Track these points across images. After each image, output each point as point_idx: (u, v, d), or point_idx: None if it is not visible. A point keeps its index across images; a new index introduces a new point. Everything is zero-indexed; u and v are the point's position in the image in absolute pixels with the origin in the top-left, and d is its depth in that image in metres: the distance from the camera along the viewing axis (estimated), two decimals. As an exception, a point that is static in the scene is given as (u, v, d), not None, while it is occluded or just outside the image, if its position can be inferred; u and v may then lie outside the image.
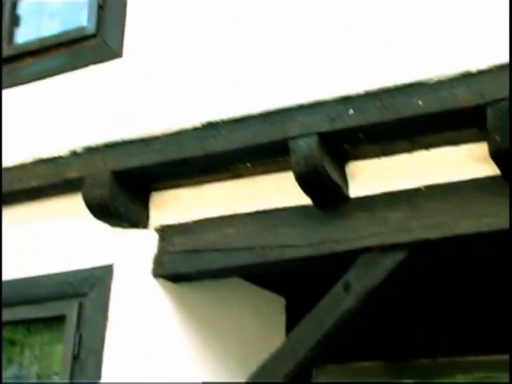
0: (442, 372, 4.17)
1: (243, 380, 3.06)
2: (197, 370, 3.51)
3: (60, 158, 3.52)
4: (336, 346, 3.19)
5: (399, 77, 2.92)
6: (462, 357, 3.80)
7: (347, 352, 3.89)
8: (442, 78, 2.84)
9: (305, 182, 3.05)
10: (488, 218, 2.80)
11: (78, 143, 3.50)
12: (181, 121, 3.31)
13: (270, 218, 3.22)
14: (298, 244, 3.12)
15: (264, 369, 3.01)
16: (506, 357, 3.71)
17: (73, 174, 3.47)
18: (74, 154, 3.49)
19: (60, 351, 3.39)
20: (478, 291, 3.68)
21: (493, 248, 3.03)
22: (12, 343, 3.59)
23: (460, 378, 4.31)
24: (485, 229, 2.79)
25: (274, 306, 4.06)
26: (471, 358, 3.79)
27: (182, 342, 3.48)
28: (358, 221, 3.05)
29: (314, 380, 4.02)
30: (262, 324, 3.94)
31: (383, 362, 4.07)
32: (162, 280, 3.41)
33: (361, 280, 2.97)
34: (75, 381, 3.23)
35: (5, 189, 3.62)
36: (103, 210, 3.34)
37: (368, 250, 2.98)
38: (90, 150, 3.46)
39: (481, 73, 2.77)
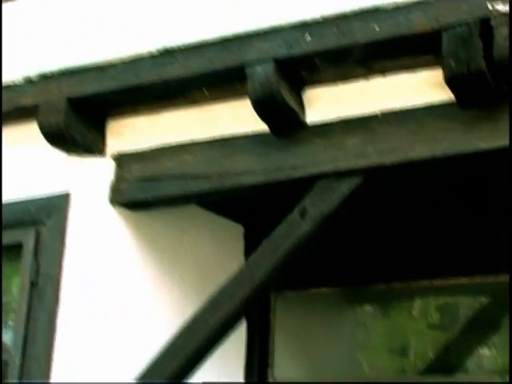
0: (398, 297, 4.26)
1: (200, 304, 3.09)
2: (155, 296, 3.55)
3: (14, 85, 3.47)
4: (293, 272, 3.24)
5: (356, 2, 2.91)
6: (417, 281, 3.88)
7: (304, 278, 3.95)
8: (399, 3, 2.83)
9: (261, 108, 3.05)
10: (442, 143, 2.83)
11: (33, 70, 3.45)
12: (137, 47, 3.27)
13: (227, 145, 3.23)
14: (254, 171, 3.13)
15: (221, 293, 3.05)
16: (463, 280, 3.81)
17: (28, 101, 3.42)
18: (29, 81, 3.44)
19: (18, 279, 3.39)
20: (434, 216, 3.74)
21: (447, 172, 3.07)
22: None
23: (417, 302, 4.41)
24: (439, 153, 2.82)
25: (232, 234, 4.09)
26: (426, 283, 3.87)
27: (140, 269, 3.50)
28: (315, 147, 3.07)
29: (271, 305, 4.09)
30: (220, 251, 3.97)
31: (339, 288, 4.14)
32: (119, 207, 3.41)
33: (317, 206, 2.99)
34: (33, 307, 3.24)
35: (-42, 117, 3.57)
36: (59, 137, 3.32)
37: (324, 175, 3.00)
38: (45, 77, 3.41)
39: (437, -2, 2.78)
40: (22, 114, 3.47)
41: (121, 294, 3.36)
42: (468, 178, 3.36)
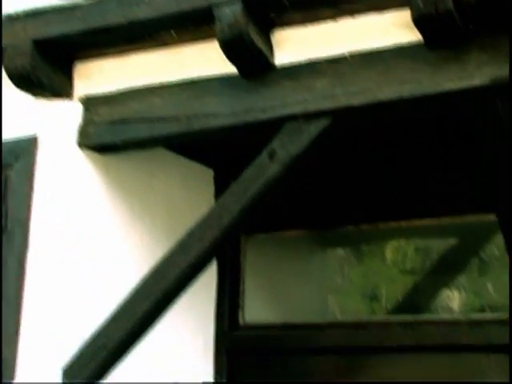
0: (368, 239, 4.31)
1: (170, 246, 3.11)
2: (125, 239, 3.55)
3: (-21, 27, 3.42)
4: (262, 215, 3.25)
5: None
6: (386, 223, 3.91)
7: (274, 221, 3.98)
8: None
9: (230, 50, 3.02)
10: (410, 85, 2.84)
11: (-2, 12, 3.40)
12: (103, -12, 3.22)
13: (195, 87, 3.21)
14: (223, 113, 3.12)
15: (190, 235, 3.06)
16: (431, 221, 3.85)
17: (-7, 43, 3.38)
18: (-6, 23, 3.39)
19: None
20: (403, 157, 3.76)
21: (414, 114, 3.08)
22: None
23: (387, 244, 4.46)
24: (406, 95, 2.83)
25: (202, 178, 4.09)
26: (395, 224, 3.91)
27: (110, 213, 3.50)
28: (284, 89, 3.06)
29: (242, 248, 4.11)
30: (190, 195, 3.97)
31: (309, 231, 4.17)
32: (87, 151, 3.38)
33: (285, 147, 3.00)
34: (2, 251, 3.24)
35: None
36: (25, 80, 3.28)
37: (293, 117, 3.00)
38: (10, 19, 3.35)
39: None
40: (-13, 57, 3.43)
41: (90, 237, 3.37)
42: (437, 119, 3.37)
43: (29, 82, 3.29)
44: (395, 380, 3.67)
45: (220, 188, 4.00)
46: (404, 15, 2.86)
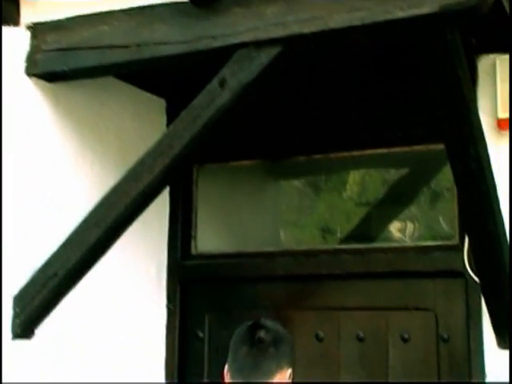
0: (319, 169, 4.34)
1: (121, 175, 3.10)
2: (76, 170, 3.53)
3: None
4: (214, 144, 3.25)
5: None
6: (337, 153, 3.94)
7: (226, 151, 3.98)
8: None
9: (179, -24, 2.99)
10: (361, 12, 2.82)
11: None
12: None
13: (145, 14, 3.16)
14: (173, 41, 3.08)
15: (141, 164, 3.05)
16: (381, 151, 3.88)
17: None
18: None
19: None
20: (352, 87, 3.76)
21: (365, 42, 3.08)
22: None
23: (338, 175, 4.50)
24: (357, 22, 2.82)
25: (154, 108, 4.07)
26: (346, 154, 3.93)
27: (60, 143, 3.47)
28: (234, 16, 3.02)
29: (194, 178, 4.12)
30: (142, 125, 3.95)
31: (261, 161, 4.19)
32: (36, 79, 3.33)
33: (236, 75, 2.98)
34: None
35: None
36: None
37: (243, 45, 2.97)
38: None
39: None
40: None
41: (40, 166, 3.34)
42: (386, 47, 3.38)
43: (-26, 8, 3.23)
44: (344, 306, 3.75)
45: (172, 118, 3.94)
46: None
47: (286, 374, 2.60)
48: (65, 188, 3.47)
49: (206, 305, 4.06)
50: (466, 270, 3.45)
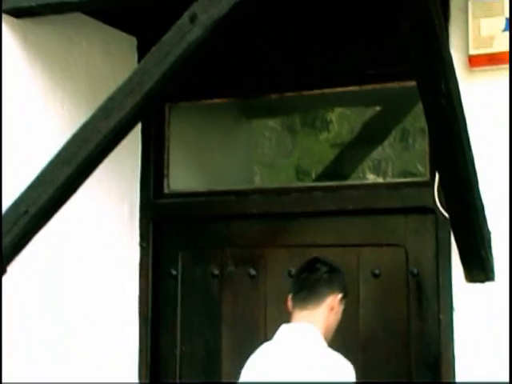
0: (292, 108, 4.33)
1: (93, 109, 3.08)
2: (46, 108, 3.51)
3: None
4: (185, 82, 3.22)
5: None
6: (309, 91, 3.93)
7: (198, 89, 3.96)
8: None
9: None
10: None
11: None
12: None
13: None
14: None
15: (112, 100, 3.01)
16: (353, 88, 3.87)
17: None
18: None
19: None
20: (324, 24, 3.74)
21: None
22: None
23: (311, 113, 4.50)
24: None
25: (125, 46, 4.02)
26: (318, 92, 3.93)
27: (30, 80, 3.44)
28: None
29: (166, 117, 4.10)
30: (113, 63, 3.91)
31: (233, 99, 4.17)
32: (3, 15, 3.28)
33: (207, 11, 2.93)
34: None
35: None
36: None
37: (214, -20, 2.94)
38: None
39: None
40: None
41: (10, 105, 3.30)
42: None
43: None
44: (316, 243, 3.78)
45: (143, 56, 3.93)
46: None
47: (336, 298, 3.08)
48: (35, 125, 3.45)
49: (179, 243, 4.08)
50: (436, 206, 3.49)
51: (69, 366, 3.61)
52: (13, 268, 3.16)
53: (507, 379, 3.22)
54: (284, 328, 3.03)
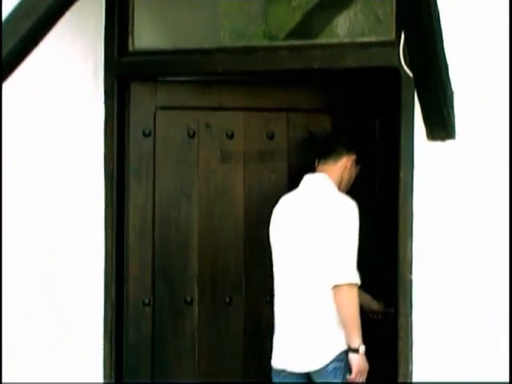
0: None
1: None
2: None
3: None
4: None
5: None
6: None
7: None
8: None
9: None
10: None
11: None
12: None
13: None
14: None
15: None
16: None
17: None
18: None
19: None
20: None
21: None
22: None
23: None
24: None
25: None
26: None
27: None
28: None
29: None
30: None
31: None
32: None
33: None
34: None
35: None
36: None
37: None
38: None
39: None
40: None
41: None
42: None
43: None
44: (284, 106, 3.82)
45: None
46: None
47: (350, 158, 3.78)
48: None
49: (145, 101, 4.05)
50: (401, 65, 3.48)
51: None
52: None
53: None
54: (307, 176, 3.73)
